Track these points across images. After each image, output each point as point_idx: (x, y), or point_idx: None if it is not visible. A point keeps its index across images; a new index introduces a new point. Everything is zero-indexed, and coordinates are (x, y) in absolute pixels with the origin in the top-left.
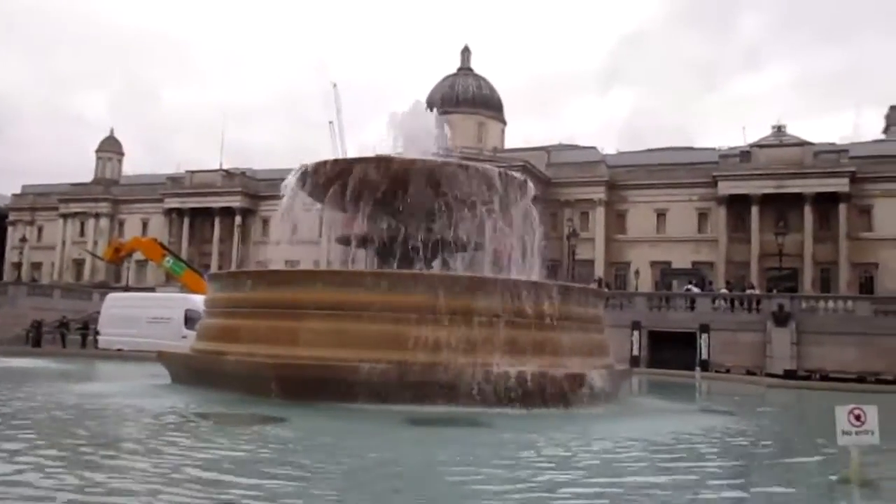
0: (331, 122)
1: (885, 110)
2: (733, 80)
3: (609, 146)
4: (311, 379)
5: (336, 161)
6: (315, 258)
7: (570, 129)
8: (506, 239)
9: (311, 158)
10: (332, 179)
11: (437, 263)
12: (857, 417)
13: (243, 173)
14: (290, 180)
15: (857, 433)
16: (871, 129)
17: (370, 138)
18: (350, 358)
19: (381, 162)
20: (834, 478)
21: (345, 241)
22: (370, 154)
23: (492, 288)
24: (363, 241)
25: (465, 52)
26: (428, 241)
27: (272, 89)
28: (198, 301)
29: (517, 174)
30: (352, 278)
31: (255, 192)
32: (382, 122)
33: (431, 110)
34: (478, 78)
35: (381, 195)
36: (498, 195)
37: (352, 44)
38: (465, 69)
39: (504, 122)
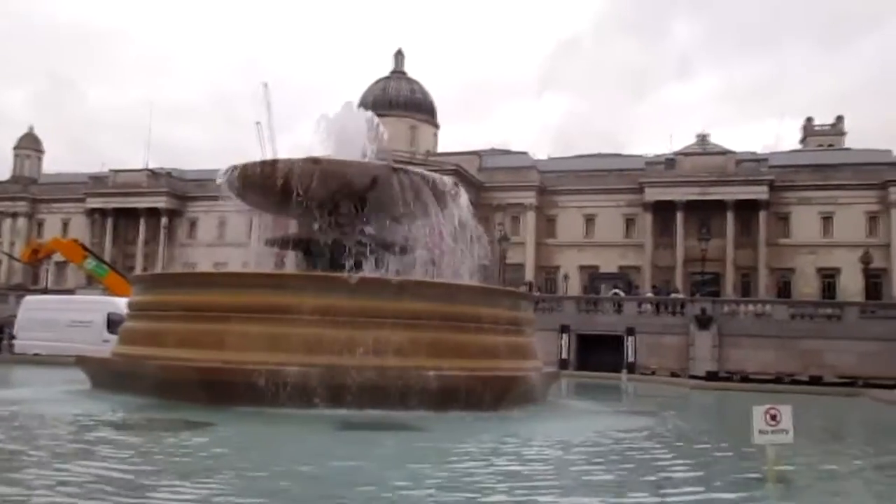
0: (258, 123)
1: (803, 121)
2: (663, 87)
3: (543, 151)
4: (238, 383)
5: (265, 162)
6: (244, 260)
7: (504, 135)
8: (438, 242)
9: (241, 159)
10: (261, 181)
11: (368, 266)
12: (773, 417)
13: (169, 173)
14: (219, 181)
15: (772, 432)
16: (792, 138)
17: (302, 139)
18: (278, 362)
19: (311, 163)
20: (751, 475)
21: (274, 243)
22: (301, 155)
23: (422, 291)
24: (293, 244)
25: (399, 55)
26: (359, 244)
27: (202, 87)
28: (120, 304)
29: (449, 178)
30: (279, 281)
31: (183, 192)
32: (314, 123)
33: (366, 112)
34: (411, 81)
35: (311, 197)
36: (430, 198)
37: (284, 44)
38: (399, 72)
39: (437, 126)
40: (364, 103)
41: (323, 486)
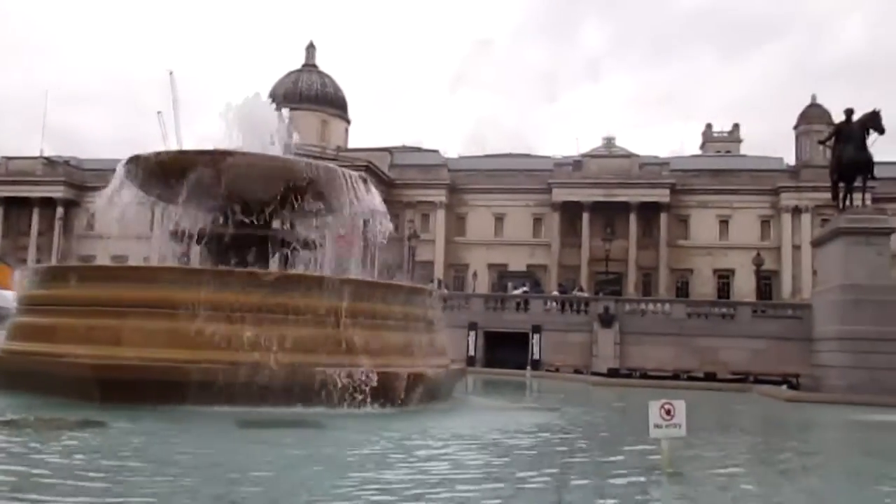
0: (159, 113)
1: (703, 127)
2: (573, 90)
3: (455, 150)
4: (136, 381)
5: (168, 152)
6: (146, 254)
7: (416, 132)
8: (348, 238)
9: (145, 148)
10: (163, 171)
11: (275, 261)
12: (668, 412)
13: (67, 162)
14: (119, 171)
15: (666, 426)
16: (694, 143)
17: (210, 130)
18: (178, 358)
19: (217, 155)
20: (647, 468)
21: (177, 236)
22: (207, 146)
23: (328, 287)
24: (197, 238)
25: (311, 48)
26: (266, 239)
27: (105, 74)
28: (8, 297)
29: (360, 174)
30: (179, 275)
31: (81, 182)
32: (219, 113)
33: (276, 105)
34: (322, 75)
35: (216, 190)
36: (340, 194)
37: (193, 33)
38: (310, 65)
39: (348, 121)
40: (274, 96)
41: (217, 485)
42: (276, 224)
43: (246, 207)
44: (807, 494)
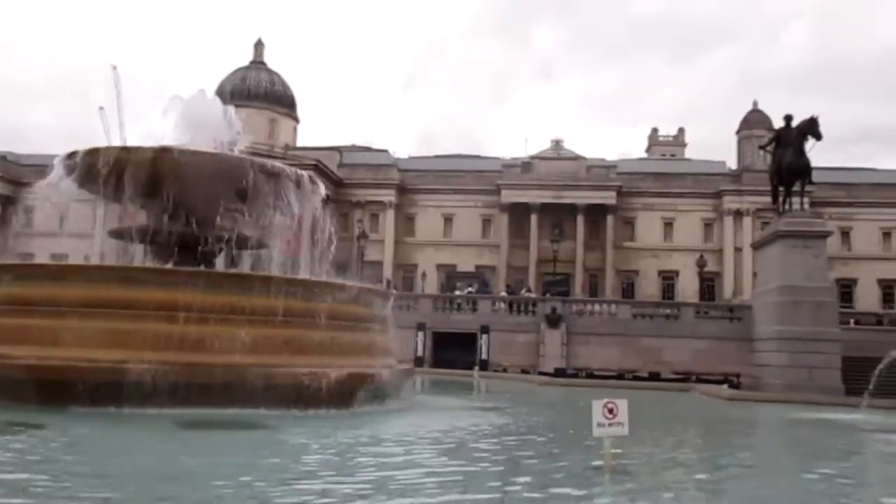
0: (101, 108)
1: (649, 131)
2: (524, 92)
3: (407, 150)
4: (74, 382)
5: (109, 148)
6: (87, 252)
7: (367, 132)
8: (295, 237)
9: (87, 144)
10: (104, 168)
11: (220, 260)
12: (611, 411)
13: (4, 157)
14: (56, 167)
15: (609, 425)
16: (641, 146)
17: (154, 127)
18: (119, 359)
19: (159, 152)
20: (590, 466)
21: (119, 234)
22: (150, 143)
23: (273, 286)
24: (139, 236)
25: (259, 45)
26: (211, 238)
27: (50, 67)
28: None
29: (308, 173)
30: (120, 274)
31: (18, 177)
32: (164, 110)
33: (223, 102)
34: (271, 72)
35: (159, 187)
36: (288, 193)
37: (139, 27)
38: (259, 63)
39: (297, 120)
40: (221, 93)
41: (156, 489)
42: (221, 223)
43: (190, 206)
44: (744, 490)
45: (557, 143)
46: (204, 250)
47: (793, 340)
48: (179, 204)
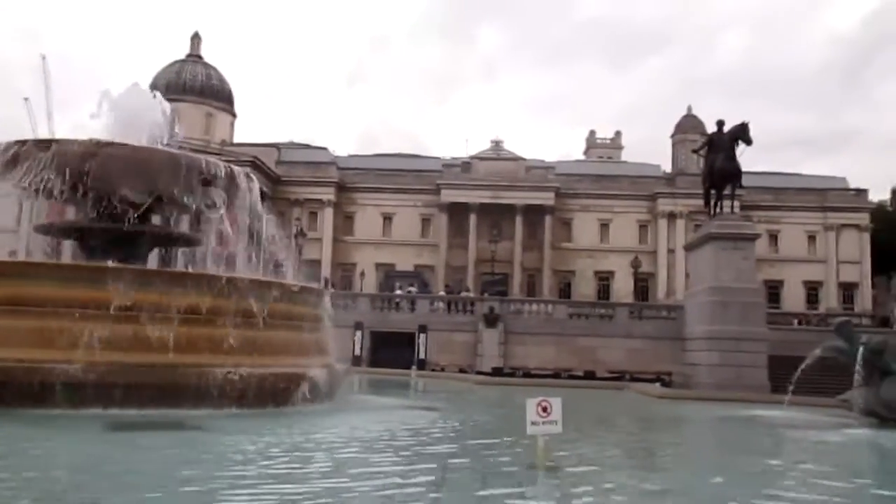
0: (26, 99)
1: (587, 133)
2: (465, 92)
3: (349, 148)
4: (1, 383)
5: (37, 141)
6: (13, 248)
7: (308, 129)
8: (230, 235)
9: (15, 136)
10: (32, 162)
11: (153, 257)
12: (544, 409)
13: None
14: None
15: (543, 423)
16: (579, 148)
17: (84, 120)
18: (45, 359)
19: (90, 146)
20: (524, 464)
21: (46, 230)
22: (81, 136)
23: (205, 284)
24: (67, 232)
25: (196, 38)
26: (143, 234)
27: None
28: None
29: (244, 169)
30: (43, 271)
31: None
32: (95, 102)
33: (154, 95)
34: (208, 66)
35: (87, 182)
36: (222, 189)
37: (73, 16)
38: (195, 56)
39: (234, 115)
40: (156, 86)
41: (79, 492)
42: (154, 219)
43: (121, 201)
44: (671, 484)
45: (497, 144)
46: (136, 247)
47: (722, 340)
48: (109, 199)
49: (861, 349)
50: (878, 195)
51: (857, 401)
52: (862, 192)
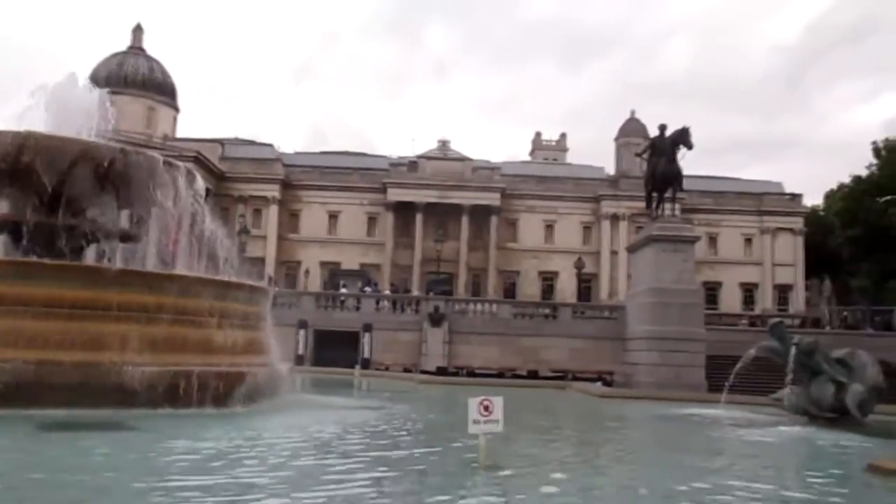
0: None
1: (533, 135)
2: (414, 91)
3: (297, 145)
4: None
5: None
6: None
7: (256, 126)
8: (171, 231)
9: None
10: None
11: (91, 253)
12: (486, 408)
13: None
14: None
15: (485, 422)
16: (526, 149)
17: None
18: None
19: (22, 138)
20: (465, 463)
21: None
22: (14, 128)
23: (140, 281)
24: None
25: (138, 30)
26: (77, 229)
27: None
28: None
29: (187, 165)
30: None
31: None
32: (30, 94)
33: (91, 87)
34: (150, 59)
35: (21, 175)
36: (164, 185)
37: (8, 3)
38: (137, 48)
39: (177, 110)
40: (97, 78)
41: (8, 495)
42: (90, 214)
43: (55, 195)
44: (611, 482)
45: (444, 144)
46: (70, 242)
47: (662, 340)
48: (42, 192)
49: (793, 349)
50: (812, 200)
51: (789, 399)
52: (797, 197)
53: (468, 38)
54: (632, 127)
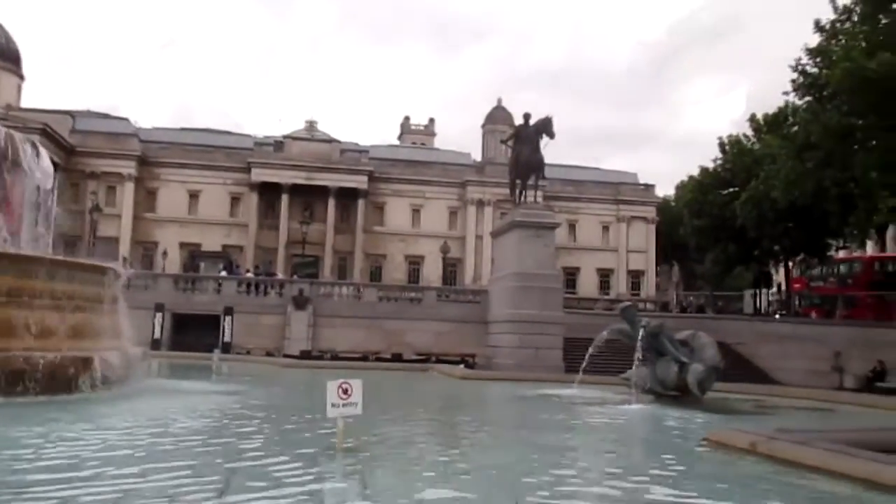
0: None
1: (402, 119)
2: (285, 69)
3: (161, 121)
4: None
5: None
6: None
7: (116, 99)
8: (9, 206)
9: None
10: None
11: None
12: (345, 391)
13: None
14: None
15: (343, 405)
16: (395, 132)
17: None
18: None
19: None
20: (323, 447)
21: None
22: None
23: None
24: None
25: None
26: None
27: None
28: None
29: (30, 136)
30: None
31: None
32: None
33: None
34: None
35: None
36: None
37: None
38: None
39: (22, 78)
40: None
41: None
42: None
43: None
44: (469, 461)
45: (311, 125)
46: None
47: (523, 323)
48: None
49: (641, 331)
50: (665, 190)
51: (637, 378)
52: (650, 188)
53: (341, 16)
54: (498, 115)
